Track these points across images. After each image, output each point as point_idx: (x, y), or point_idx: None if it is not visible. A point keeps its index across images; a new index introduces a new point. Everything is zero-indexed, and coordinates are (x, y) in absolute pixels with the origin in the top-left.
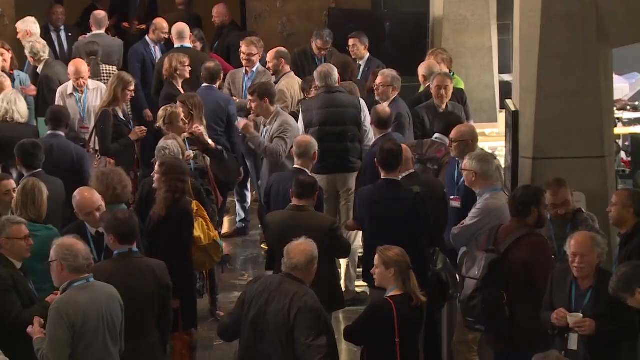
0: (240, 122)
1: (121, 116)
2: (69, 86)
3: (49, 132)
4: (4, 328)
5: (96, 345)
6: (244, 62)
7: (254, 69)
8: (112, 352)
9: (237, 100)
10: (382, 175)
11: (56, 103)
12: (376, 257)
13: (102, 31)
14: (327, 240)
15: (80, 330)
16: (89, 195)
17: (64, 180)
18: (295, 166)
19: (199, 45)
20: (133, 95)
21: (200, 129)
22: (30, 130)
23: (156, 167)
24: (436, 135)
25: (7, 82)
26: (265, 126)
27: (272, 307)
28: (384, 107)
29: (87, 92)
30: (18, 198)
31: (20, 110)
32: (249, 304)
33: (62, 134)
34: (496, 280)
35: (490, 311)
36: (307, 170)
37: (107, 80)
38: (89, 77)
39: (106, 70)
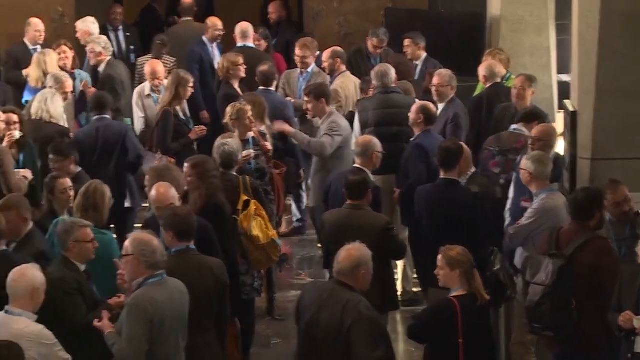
0: (275, 125)
1: (181, 116)
2: (146, 87)
3: (95, 117)
4: (68, 331)
5: (170, 341)
6: (298, 65)
7: (309, 70)
8: (182, 349)
9: (292, 101)
10: (441, 175)
11: (134, 103)
12: (439, 257)
13: (190, 18)
14: (380, 240)
15: (157, 327)
16: (163, 191)
17: (115, 155)
18: (355, 165)
19: (263, 44)
20: (192, 91)
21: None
22: (54, 130)
23: (185, 169)
24: (514, 126)
25: (69, 82)
26: (320, 126)
27: (325, 315)
28: (431, 104)
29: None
30: (79, 201)
31: (51, 109)
32: (304, 311)
33: (108, 116)
34: (565, 286)
35: (559, 318)
36: (366, 169)
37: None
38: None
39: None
